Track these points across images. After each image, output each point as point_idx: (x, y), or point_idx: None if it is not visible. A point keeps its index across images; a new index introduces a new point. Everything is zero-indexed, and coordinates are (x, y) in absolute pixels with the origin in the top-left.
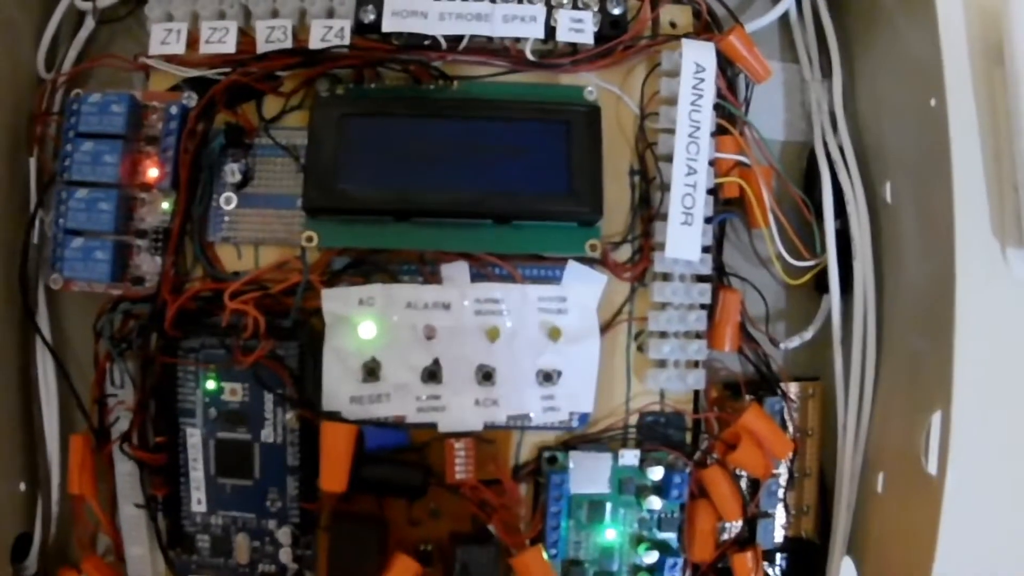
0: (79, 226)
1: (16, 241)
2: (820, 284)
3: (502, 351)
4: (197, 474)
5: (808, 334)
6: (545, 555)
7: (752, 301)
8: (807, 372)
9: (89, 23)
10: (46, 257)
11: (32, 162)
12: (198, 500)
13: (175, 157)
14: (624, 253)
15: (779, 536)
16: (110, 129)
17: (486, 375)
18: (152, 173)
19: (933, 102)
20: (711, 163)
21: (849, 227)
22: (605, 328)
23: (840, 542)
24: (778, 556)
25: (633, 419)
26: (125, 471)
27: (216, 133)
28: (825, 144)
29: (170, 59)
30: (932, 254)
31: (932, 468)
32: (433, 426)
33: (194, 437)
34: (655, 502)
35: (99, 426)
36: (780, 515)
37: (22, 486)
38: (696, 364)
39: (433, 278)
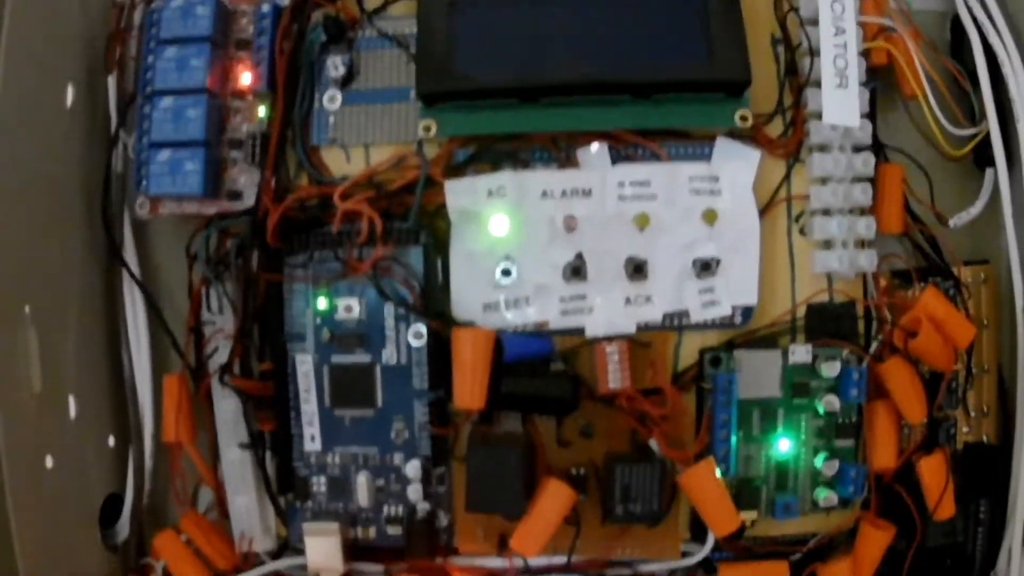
0: (166, 137)
1: (98, 172)
2: (980, 158)
3: (653, 240)
4: (310, 407)
5: (976, 209)
6: (717, 471)
7: (912, 179)
8: (974, 256)
9: None
10: (131, 188)
11: (111, 80)
12: (311, 437)
13: (270, 58)
14: (775, 128)
15: (960, 442)
16: (195, 32)
17: (637, 268)
18: (245, 79)
19: None
20: (858, 24)
21: (1008, 91)
22: (763, 210)
23: None
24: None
25: (800, 311)
26: (227, 410)
27: (314, 28)
28: (969, 9)
29: None
30: None
31: None
32: (580, 331)
33: (305, 364)
34: (833, 402)
35: (195, 362)
36: (960, 418)
37: (111, 441)
38: (866, 244)
39: (569, 163)
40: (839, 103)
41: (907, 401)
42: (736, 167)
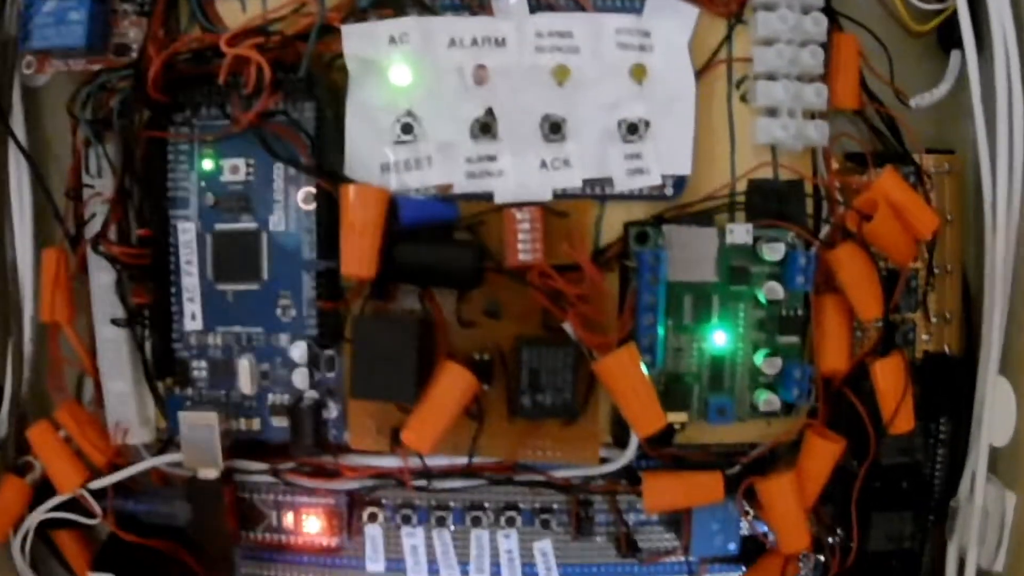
0: None
1: None
2: (945, 39)
3: (574, 96)
4: (191, 279)
5: (941, 91)
6: (641, 362)
7: (869, 55)
8: (936, 145)
9: None
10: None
11: None
12: (192, 315)
13: None
14: None
15: (919, 350)
16: None
17: (554, 127)
18: None
19: None
20: None
21: None
22: (699, 73)
23: (992, 357)
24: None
25: (740, 186)
26: (103, 283)
27: None
28: None
29: None
30: None
31: None
32: (488, 196)
33: (187, 232)
34: (776, 290)
35: (75, 232)
36: (919, 323)
37: None
38: (816, 115)
39: (482, 11)
40: None
41: (860, 294)
42: (670, 23)
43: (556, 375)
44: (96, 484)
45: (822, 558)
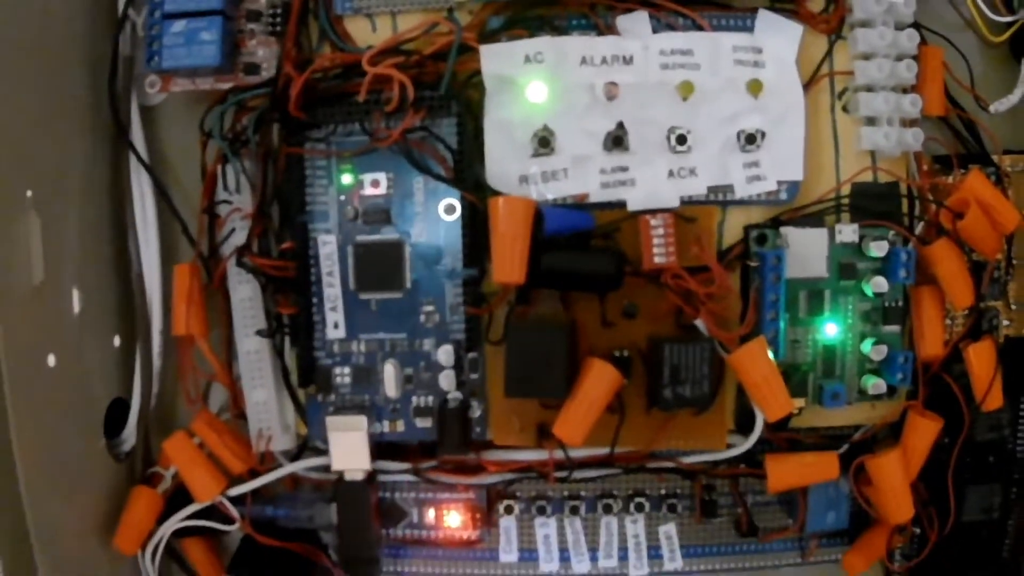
0: (181, 7)
1: (105, 53)
2: (1017, 48)
3: (697, 110)
4: (333, 291)
5: (1016, 97)
6: (769, 352)
7: (951, 64)
8: (1013, 146)
9: None
10: (139, 70)
11: None
12: (335, 324)
13: None
14: (816, 4)
15: (1001, 335)
16: None
17: (680, 138)
18: None
19: None
20: None
21: None
22: (805, 86)
23: None
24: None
25: (845, 190)
26: (244, 296)
27: None
28: None
29: None
30: None
31: None
32: (621, 204)
33: (328, 244)
34: (881, 284)
35: (209, 248)
36: (1001, 310)
37: (116, 340)
38: (910, 122)
39: (609, 31)
40: None
41: (955, 285)
42: (779, 40)
43: (694, 369)
44: (236, 491)
45: (918, 530)
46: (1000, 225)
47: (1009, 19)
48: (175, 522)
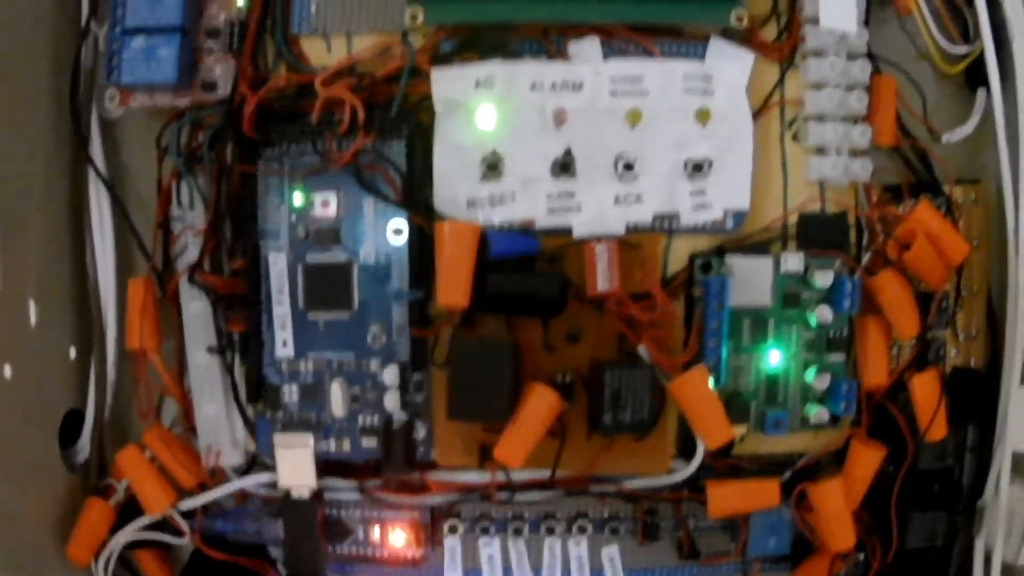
0: (141, 22)
1: (66, 66)
2: (972, 79)
3: (645, 137)
4: (282, 309)
5: (969, 127)
6: (710, 379)
7: (904, 93)
8: (964, 176)
9: None
10: (100, 83)
11: None
12: (283, 342)
13: None
14: (769, 33)
15: (948, 364)
16: None
17: (627, 166)
18: None
19: None
20: None
21: (1003, 10)
22: (756, 114)
23: (1015, 371)
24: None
25: (792, 219)
26: (196, 312)
27: None
28: None
29: None
30: None
31: None
32: (567, 230)
33: (278, 263)
34: (825, 313)
35: (163, 262)
36: (948, 340)
37: (72, 352)
38: (859, 153)
39: (560, 56)
40: (837, 7)
41: (900, 315)
42: (730, 68)
43: (635, 395)
44: (186, 504)
45: (862, 556)
46: (947, 256)
47: (964, 50)
48: (127, 534)
